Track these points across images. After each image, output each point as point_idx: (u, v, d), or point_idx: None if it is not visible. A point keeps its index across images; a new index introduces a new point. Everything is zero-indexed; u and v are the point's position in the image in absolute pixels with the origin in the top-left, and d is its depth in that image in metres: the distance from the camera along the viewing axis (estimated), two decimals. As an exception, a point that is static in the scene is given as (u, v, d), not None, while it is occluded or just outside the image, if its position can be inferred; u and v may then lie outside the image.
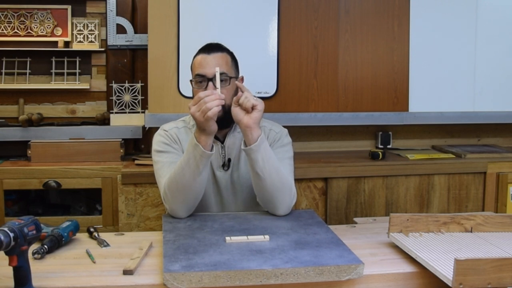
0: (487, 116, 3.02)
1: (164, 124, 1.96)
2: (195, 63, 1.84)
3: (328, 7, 2.83)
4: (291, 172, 1.86)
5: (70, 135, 2.82)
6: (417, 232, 1.62)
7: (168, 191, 1.73)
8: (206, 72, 1.79)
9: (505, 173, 2.81)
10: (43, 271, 1.36)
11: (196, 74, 1.81)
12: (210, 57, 1.81)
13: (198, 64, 1.82)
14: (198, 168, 1.67)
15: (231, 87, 1.83)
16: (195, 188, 1.71)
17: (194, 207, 1.77)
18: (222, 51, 1.85)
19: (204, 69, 1.79)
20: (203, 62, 1.81)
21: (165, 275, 1.26)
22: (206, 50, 1.83)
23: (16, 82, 2.91)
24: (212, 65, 1.78)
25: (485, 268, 1.26)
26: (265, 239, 1.50)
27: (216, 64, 1.78)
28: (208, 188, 1.85)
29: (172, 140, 1.87)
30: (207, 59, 1.80)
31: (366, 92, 2.89)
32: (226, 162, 1.88)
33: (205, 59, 1.81)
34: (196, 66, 1.83)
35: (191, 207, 1.76)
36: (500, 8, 2.98)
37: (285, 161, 1.87)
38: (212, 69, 1.75)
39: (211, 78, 1.77)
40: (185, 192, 1.71)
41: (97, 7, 2.97)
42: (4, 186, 2.59)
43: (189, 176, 1.68)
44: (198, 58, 1.84)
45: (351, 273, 1.32)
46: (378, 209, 2.74)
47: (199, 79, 1.80)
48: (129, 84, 2.97)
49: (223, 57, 1.83)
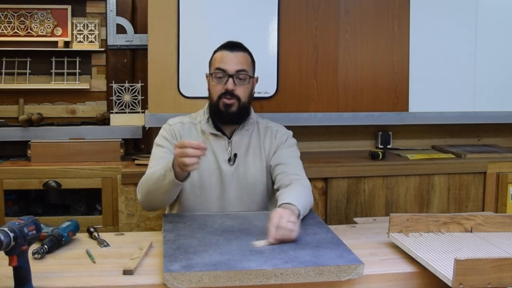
0: (487, 116, 3.02)
1: (171, 118, 2.02)
2: (216, 57, 1.90)
3: (328, 7, 2.83)
4: (302, 169, 1.94)
5: (70, 135, 2.82)
6: (417, 232, 1.62)
7: (140, 185, 1.82)
8: (228, 68, 1.85)
9: (505, 173, 2.81)
10: (43, 271, 1.36)
11: (217, 68, 1.87)
12: (232, 54, 1.87)
13: (220, 59, 1.88)
14: (166, 187, 1.70)
15: (249, 85, 1.91)
16: (161, 197, 1.76)
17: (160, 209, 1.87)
18: (244, 50, 1.93)
19: (226, 65, 1.86)
20: (225, 58, 1.87)
21: (165, 275, 1.26)
22: (229, 48, 1.90)
23: (16, 82, 2.91)
24: (234, 62, 1.86)
25: (485, 268, 1.26)
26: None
27: (239, 61, 1.86)
28: (211, 180, 1.91)
29: (172, 136, 1.93)
30: (229, 56, 1.87)
31: (366, 92, 2.89)
32: (232, 157, 1.92)
33: (227, 55, 1.87)
34: (218, 60, 1.89)
35: (155, 208, 1.86)
36: (500, 8, 2.98)
37: (296, 160, 1.95)
38: (234, 66, 1.85)
39: (232, 75, 1.85)
40: (151, 196, 1.78)
41: (97, 7, 2.97)
42: (4, 186, 2.58)
43: (158, 188, 1.73)
44: (220, 53, 1.90)
45: (351, 273, 1.32)
46: (378, 209, 2.74)
47: (220, 74, 1.87)
48: (129, 84, 2.97)
49: (244, 56, 1.90)
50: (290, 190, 1.76)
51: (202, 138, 1.94)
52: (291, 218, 1.51)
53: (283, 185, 1.84)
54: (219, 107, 1.88)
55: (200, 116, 1.98)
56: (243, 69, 1.87)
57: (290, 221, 1.49)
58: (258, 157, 1.95)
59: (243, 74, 1.87)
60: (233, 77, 1.85)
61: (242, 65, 1.87)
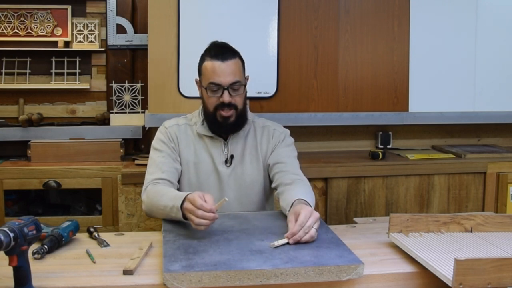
0: (487, 116, 3.02)
1: (166, 120, 2.00)
2: (208, 69, 1.83)
3: (328, 7, 2.83)
4: (300, 169, 1.93)
5: (70, 135, 2.82)
6: (417, 232, 1.62)
7: (146, 197, 1.80)
8: (222, 81, 1.81)
9: (505, 173, 2.81)
10: (43, 271, 1.36)
11: (210, 83, 1.82)
12: (224, 65, 1.81)
13: (212, 71, 1.82)
14: (171, 217, 1.67)
15: (243, 93, 1.87)
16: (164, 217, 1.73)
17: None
18: (233, 55, 1.85)
19: (220, 77, 1.81)
20: (217, 71, 1.81)
21: (165, 275, 1.26)
22: (220, 57, 1.82)
23: (16, 82, 2.91)
24: (227, 73, 1.80)
25: (485, 268, 1.25)
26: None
27: (231, 72, 1.80)
28: (209, 182, 1.92)
29: (169, 139, 1.93)
30: (222, 67, 1.81)
31: (366, 92, 2.89)
32: (228, 158, 1.92)
33: (219, 67, 1.81)
34: (210, 73, 1.82)
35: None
36: (500, 8, 2.98)
37: (294, 159, 1.94)
38: (228, 78, 1.80)
39: (227, 88, 1.81)
40: (154, 214, 1.78)
41: (97, 7, 2.97)
42: (4, 186, 2.58)
43: (162, 214, 1.71)
44: (211, 64, 1.82)
45: (351, 273, 1.32)
46: (378, 209, 2.74)
47: (214, 87, 1.82)
48: (129, 84, 2.97)
49: (236, 64, 1.84)
50: (299, 188, 1.76)
51: (198, 139, 1.94)
52: (316, 223, 1.49)
53: (283, 184, 1.84)
54: (216, 119, 1.86)
55: (195, 118, 1.97)
56: (237, 81, 1.83)
57: (314, 227, 1.48)
58: (254, 157, 1.95)
59: (238, 85, 1.83)
60: (228, 90, 1.82)
61: (235, 76, 1.82)
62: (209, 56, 1.85)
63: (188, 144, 1.94)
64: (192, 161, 1.92)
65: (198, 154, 1.93)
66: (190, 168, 1.92)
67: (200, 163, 1.92)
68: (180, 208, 1.59)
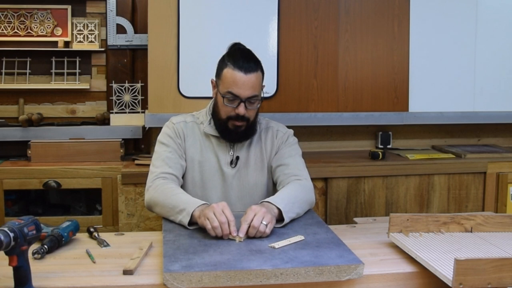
0: (487, 116, 3.02)
1: (173, 117, 2.00)
2: (229, 78, 1.80)
3: (328, 7, 2.83)
4: (304, 167, 1.94)
5: (70, 135, 2.82)
6: (417, 232, 1.62)
7: (151, 191, 1.80)
8: (240, 94, 1.79)
9: (505, 173, 2.81)
10: (43, 271, 1.36)
11: (228, 91, 1.80)
12: (246, 78, 1.78)
13: (232, 81, 1.79)
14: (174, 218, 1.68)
15: (258, 106, 1.87)
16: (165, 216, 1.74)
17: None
18: (256, 67, 1.83)
19: (239, 90, 1.79)
20: (239, 83, 1.78)
21: (165, 275, 1.26)
22: (243, 69, 1.78)
23: (16, 82, 2.91)
24: (247, 87, 1.79)
25: (485, 268, 1.26)
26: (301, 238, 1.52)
27: (252, 86, 1.79)
28: (213, 182, 1.92)
29: (176, 135, 1.93)
30: (243, 79, 1.78)
31: (366, 92, 2.89)
32: (234, 160, 1.93)
33: (240, 79, 1.78)
34: (230, 82, 1.80)
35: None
36: (500, 8, 2.98)
37: (297, 159, 1.95)
38: (247, 92, 1.79)
39: (244, 101, 1.80)
40: (157, 210, 1.78)
41: (97, 7, 2.97)
42: (4, 186, 2.58)
43: (167, 213, 1.71)
44: (232, 74, 1.79)
45: (351, 273, 1.32)
46: (378, 209, 2.74)
47: (232, 97, 1.81)
48: (129, 84, 2.97)
49: (257, 78, 1.82)
50: (281, 190, 1.79)
51: (205, 138, 1.94)
52: (266, 217, 1.52)
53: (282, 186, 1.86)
54: (228, 127, 1.86)
55: (203, 117, 1.97)
56: (255, 95, 1.81)
57: (263, 222, 1.51)
58: (259, 158, 1.96)
59: (255, 99, 1.82)
60: (245, 103, 1.80)
61: (254, 90, 1.80)
62: (232, 63, 1.80)
63: (194, 142, 1.94)
64: (197, 159, 1.92)
65: (203, 153, 1.93)
66: (195, 166, 1.92)
67: (205, 162, 1.92)
68: (190, 214, 1.60)
